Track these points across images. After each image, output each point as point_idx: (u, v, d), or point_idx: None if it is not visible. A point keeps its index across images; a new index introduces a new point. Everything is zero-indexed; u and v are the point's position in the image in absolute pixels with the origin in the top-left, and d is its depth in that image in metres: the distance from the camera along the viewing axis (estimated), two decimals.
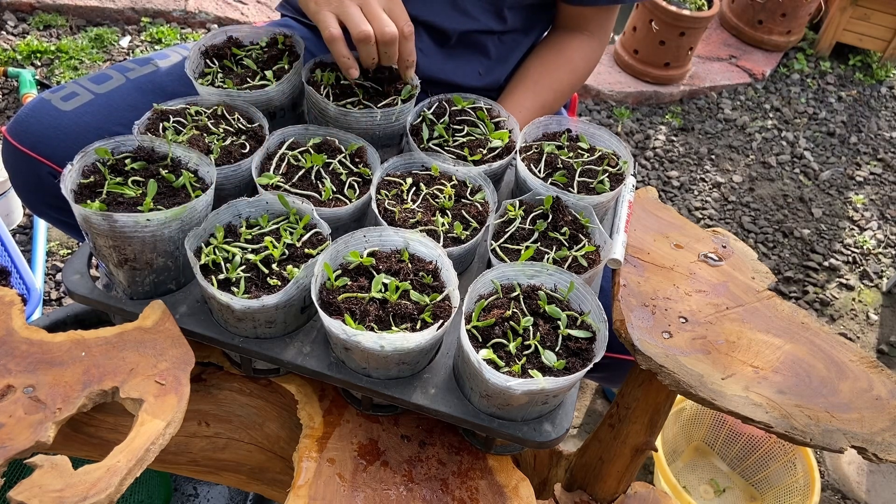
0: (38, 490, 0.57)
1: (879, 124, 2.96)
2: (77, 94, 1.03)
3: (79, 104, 1.01)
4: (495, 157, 0.94)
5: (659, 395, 0.82)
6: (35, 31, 2.48)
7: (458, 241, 0.82)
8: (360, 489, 0.74)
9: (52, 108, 1.00)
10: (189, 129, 0.87)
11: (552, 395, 0.71)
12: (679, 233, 0.95)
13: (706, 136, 2.74)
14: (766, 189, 2.56)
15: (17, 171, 1.02)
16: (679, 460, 1.68)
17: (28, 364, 0.68)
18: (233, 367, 0.86)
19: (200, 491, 1.35)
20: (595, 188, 0.90)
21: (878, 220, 2.52)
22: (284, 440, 0.85)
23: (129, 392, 0.67)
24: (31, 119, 1.00)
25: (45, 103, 1.01)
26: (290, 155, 0.87)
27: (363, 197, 0.84)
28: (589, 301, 0.76)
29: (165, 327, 0.74)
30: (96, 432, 0.81)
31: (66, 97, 1.02)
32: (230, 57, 1.00)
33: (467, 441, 0.82)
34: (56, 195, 1.02)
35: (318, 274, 0.72)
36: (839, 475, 1.75)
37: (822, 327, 0.84)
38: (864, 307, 2.20)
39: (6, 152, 1.02)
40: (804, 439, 0.69)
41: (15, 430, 0.62)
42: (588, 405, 1.81)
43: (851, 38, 3.17)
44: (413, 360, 0.74)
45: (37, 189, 1.03)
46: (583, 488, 0.90)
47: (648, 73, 2.81)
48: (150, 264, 0.75)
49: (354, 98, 0.95)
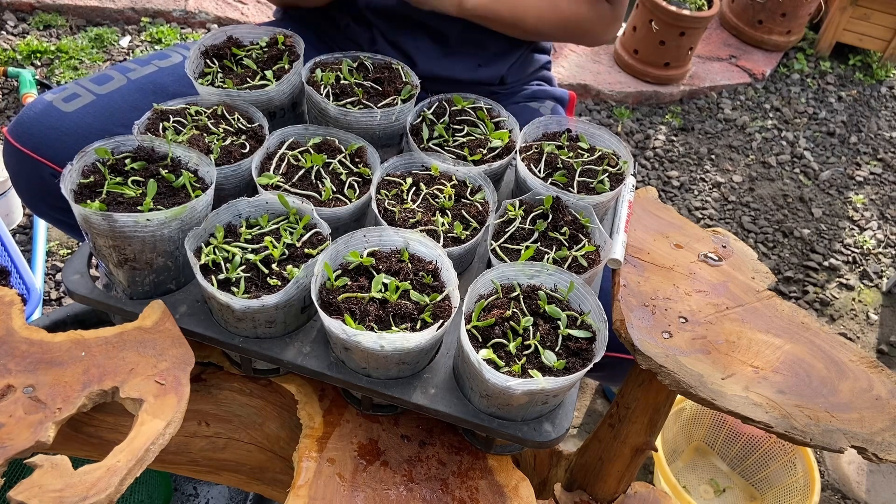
0: (38, 490, 0.57)
1: (879, 124, 2.96)
2: (78, 95, 1.03)
3: (80, 105, 1.01)
4: (495, 157, 0.94)
5: (659, 395, 0.82)
6: (35, 31, 2.48)
7: (458, 241, 0.82)
8: (360, 489, 0.74)
9: (54, 110, 1.00)
10: (189, 129, 0.87)
11: (552, 395, 0.71)
12: (679, 233, 0.95)
13: (706, 136, 2.74)
14: (766, 189, 2.56)
15: (18, 173, 1.02)
16: (679, 460, 1.68)
17: (28, 364, 0.68)
18: (233, 367, 0.86)
19: (200, 491, 1.35)
20: (595, 188, 0.90)
21: (878, 220, 2.52)
22: (284, 440, 0.85)
23: (129, 392, 0.67)
24: (32, 121, 1.00)
25: (46, 105, 1.00)
26: (290, 155, 0.87)
27: (363, 197, 0.84)
28: (589, 301, 0.76)
29: (165, 327, 0.74)
30: (96, 432, 0.81)
31: (67, 98, 1.02)
32: (230, 57, 1.00)
33: (467, 441, 0.82)
34: (58, 196, 1.01)
35: (318, 274, 0.72)
36: (839, 475, 1.75)
37: (822, 327, 0.84)
38: (864, 307, 2.20)
39: (7, 154, 1.02)
40: (804, 439, 0.69)
41: (15, 430, 0.62)
42: (588, 405, 1.81)
43: (851, 38, 3.17)
44: (413, 360, 0.74)
45: (39, 190, 1.02)
46: (583, 488, 0.90)
47: (648, 73, 2.81)
48: (150, 264, 0.75)
49: (354, 98, 0.95)
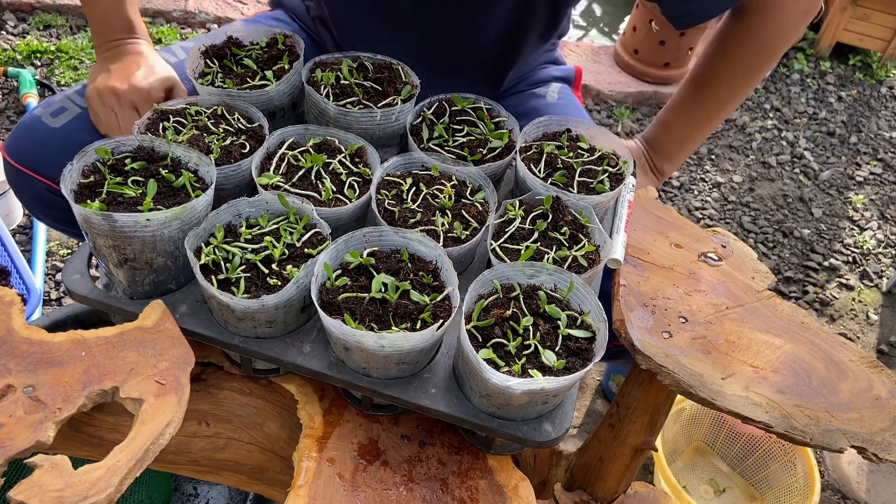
0: (38, 490, 0.57)
1: (879, 124, 2.96)
2: (66, 108, 1.03)
3: (67, 119, 1.01)
4: (495, 157, 0.94)
5: (659, 395, 0.82)
6: (35, 31, 2.48)
7: (458, 241, 0.82)
8: (360, 489, 0.74)
9: (43, 126, 1.00)
10: (189, 129, 0.87)
11: (552, 395, 0.71)
12: (679, 233, 0.95)
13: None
14: (766, 189, 2.56)
15: (18, 189, 1.04)
16: (679, 460, 1.68)
17: (28, 364, 0.68)
18: (233, 366, 0.86)
19: (200, 491, 1.35)
20: (595, 188, 0.90)
21: (878, 220, 2.52)
22: (284, 440, 0.85)
23: (129, 392, 0.67)
24: (24, 137, 1.00)
25: (36, 120, 1.01)
26: (290, 155, 0.87)
27: (363, 197, 0.84)
28: (589, 301, 0.76)
29: (165, 327, 0.74)
30: (96, 432, 0.81)
31: (55, 113, 1.02)
32: (230, 57, 1.00)
33: (467, 441, 0.82)
34: (58, 208, 1.02)
35: (318, 274, 0.72)
36: (839, 475, 1.75)
37: (822, 327, 0.84)
38: (864, 307, 2.20)
39: (6, 170, 1.03)
40: (804, 439, 0.69)
41: (15, 430, 0.62)
42: (588, 405, 1.81)
43: (851, 38, 3.17)
44: (413, 360, 0.74)
45: (38, 203, 1.04)
46: (583, 488, 0.90)
47: (648, 73, 2.81)
48: (150, 264, 0.75)
49: (354, 98, 0.95)
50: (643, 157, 1.18)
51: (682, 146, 1.17)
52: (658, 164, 1.18)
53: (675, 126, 1.16)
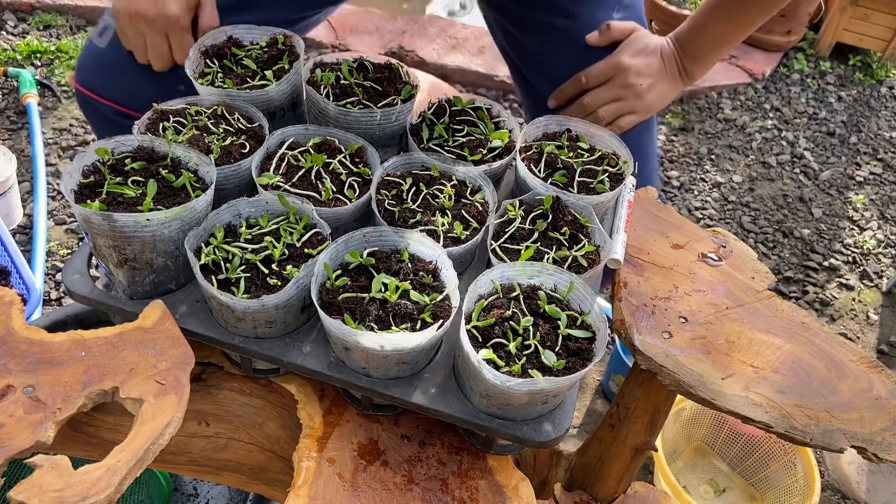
0: (38, 490, 0.57)
1: (879, 124, 2.96)
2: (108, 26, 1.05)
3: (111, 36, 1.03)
4: (495, 157, 0.94)
5: (659, 395, 0.82)
6: (35, 31, 2.48)
7: (458, 241, 0.82)
8: (360, 489, 0.74)
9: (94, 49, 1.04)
10: (189, 129, 0.87)
11: (552, 395, 0.71)
12: (679, 233, 0.95)
13: (706, 136, 2.74)
14: (766, 189, 2.56)
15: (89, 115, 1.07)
16: (679, 460, 1.68)
17: (28, 364, 0.68)
18: (233, 367, 0.86)
19: (200, 491, 1.35)
20: (595, 188, 0.90)
21: (878, 220, 2.52)
22: (284, 440, 0.85)
23: (129, 392, 0.67)
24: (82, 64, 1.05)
25: (89, 44, 1.04)
26: (290, 155, 0.87)
27: (363, 197, 0.84)
28: (589, 301, 0.76)
29: (165, 327, 0.74)
30: (96, 432, 0.81)
31: (101, 32, 1.04)
32: (230, 57, 1.00)
33: (467, 441, 0.82)
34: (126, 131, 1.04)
35: (318, 274, 0.72)
36: (839, 475, 1.75)
37: (822, 327, 0.84)
38: (864, 307, 2.20)
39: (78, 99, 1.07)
40: (804, 439, 0.69)
41: (15, 430, 0.62)
42: (588, 405, 1.81)
43: (851, 38, 3.17)
44: (413, 360, 0.74)
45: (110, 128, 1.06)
46: (583, 488, 0.90)
47: None
48: (150, 264, 0.75)
49: (354, 98, 0.95)
50: (673, 58, 1.15)
51: (717, 49, 1.14)
52: (689, 66, 1.14)
53: (712, 29, 1.11)
